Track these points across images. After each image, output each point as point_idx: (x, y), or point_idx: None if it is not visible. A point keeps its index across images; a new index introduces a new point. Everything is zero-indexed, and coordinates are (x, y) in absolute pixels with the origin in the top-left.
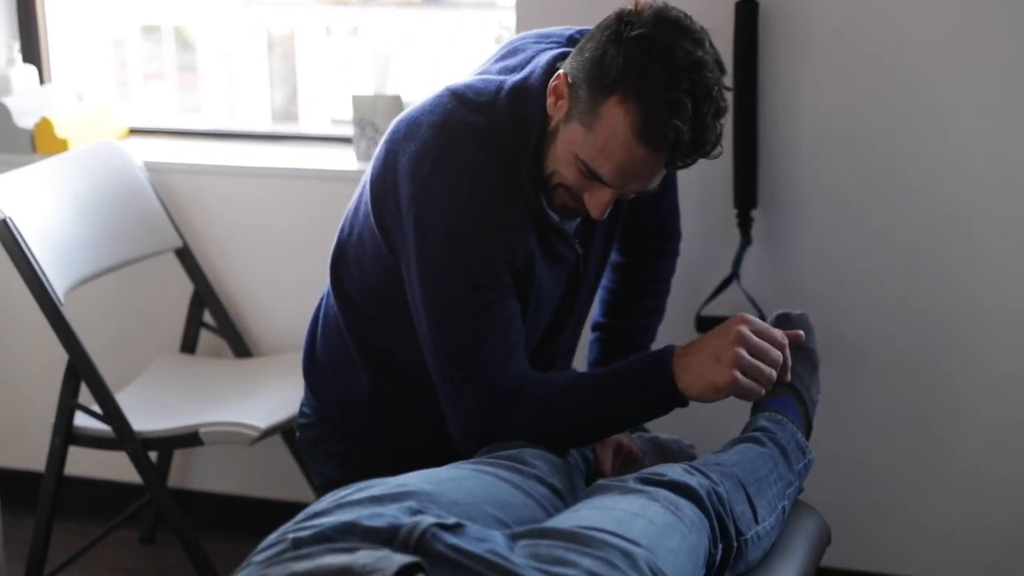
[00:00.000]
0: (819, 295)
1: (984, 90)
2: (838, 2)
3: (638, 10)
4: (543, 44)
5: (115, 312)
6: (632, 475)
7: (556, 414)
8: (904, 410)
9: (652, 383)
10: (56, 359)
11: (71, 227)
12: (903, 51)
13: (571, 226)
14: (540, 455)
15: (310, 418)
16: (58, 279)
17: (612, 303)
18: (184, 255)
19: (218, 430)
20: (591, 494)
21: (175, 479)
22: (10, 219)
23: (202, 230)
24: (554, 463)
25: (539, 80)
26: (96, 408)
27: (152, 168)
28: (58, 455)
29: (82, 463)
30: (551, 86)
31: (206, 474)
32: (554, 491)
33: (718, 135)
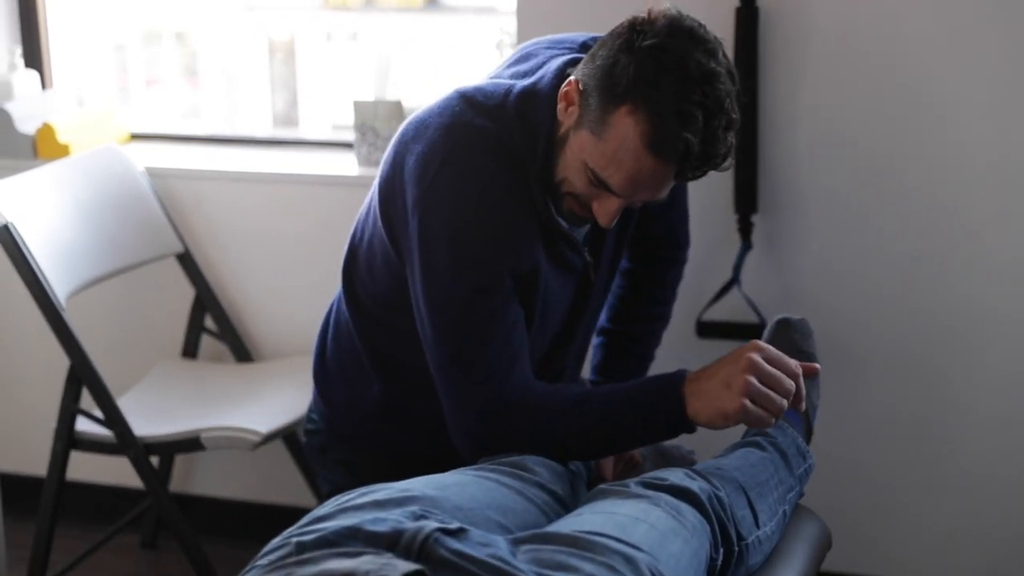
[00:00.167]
0: (819, 299)
1: (984, 94)
2: (838, 7)
3: (651, 19)
4: (555, 50)
5: (116, 317)
6: (633, 479)
7: (560, 427)
8: (904, 413)
9: (661, 406)
10: (58, 364)
11: (73, 232)
12: (903, 55)
13: (580, 233)
14: (542, 462)
15: (318, 424)
16: (60, 284)
17: (619, 308)
18: (185, 260)
19: (220, 435)
20: (592, 498)
21: (176, 484)
22: (12, 224)
23: (203, 235)
24: (556, 470)
25: (549, 85)
26: (98, 413)
27: (153, 173)
28: (60, 460)
29: (84, 468)
30: (562, 92)
31: (207, 479)
32: (556, 498)
33: (729, 147)
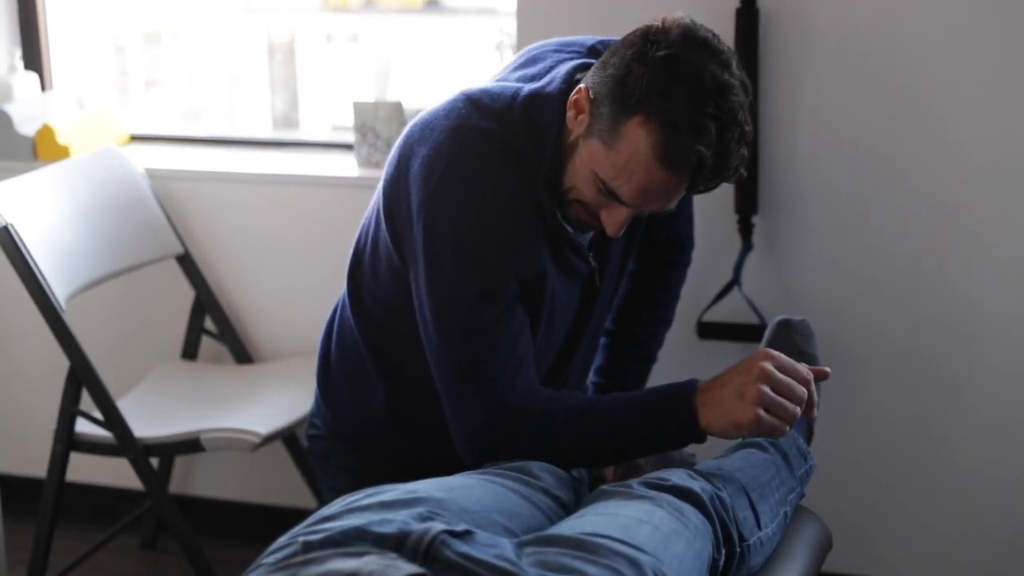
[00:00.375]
0: (820, 300)
1: (984, 95)
2: (838, 8)
3: (665, 28)
4: (563, 53)
5: (116, 319)
6: (635, 480)
7: (566, 436)
8: (905, 414)
9: (673, 417)
10: (57, 365)
11: (72, 234)
12: (903, 56)
13: (585, 239)
14: (547, 468)
15: (321, 430)
16: (60, 286)
17: (621, 310)
18: (185, 262)
19: (219, 436)
20: (594, 499)
21: (176, 485)
22: (12, 226)
23: (203, 237)
24: (561, 476)
25: (557, 89)
26: (97, 414)
27: (153, 175)
28: (59, 461)
29: (83, 469)
30: (572, 100)
31: (207, 480)
32: (561, 504)
33: (742, 159)
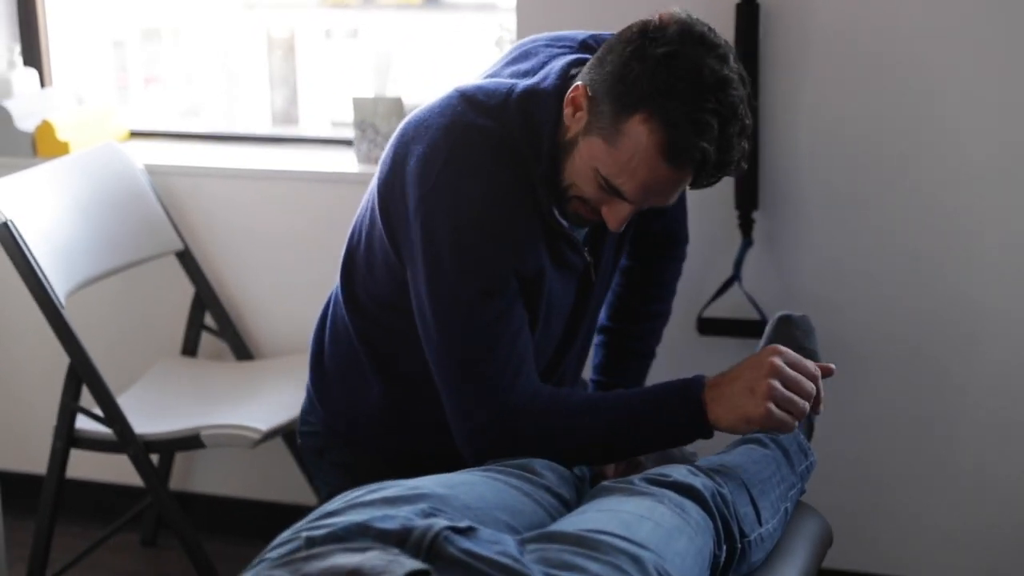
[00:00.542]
0: (820, 296)
1: (985, 91)
2: (838, 4)
3: (662, 25)
4: (555, 48)
5: (116, 315)
6: (636, 475)
7: (570, 434)
8: (905, 411)
9: (680, 411)
10: (57, 362)
11: (72, 230)
12: (904, 52)
13: (580, 234)
14: (549, 466)
15: (314, 427)
16: (59, 282)
17: (618, 307)
18: (185, 258)
19: (220, 432)
20: (595, 496)
21: (176, 482)
22: (11, 222)
23: (203, 233)
24: (563, 474)
25: (552, 85)
26: (97, 411)
27: (153, 171)
28: (59, 458)
29: (83, 466)
30: (569, 97)
31: (207, 477)
32: (563, 501)
33: (743, 153)
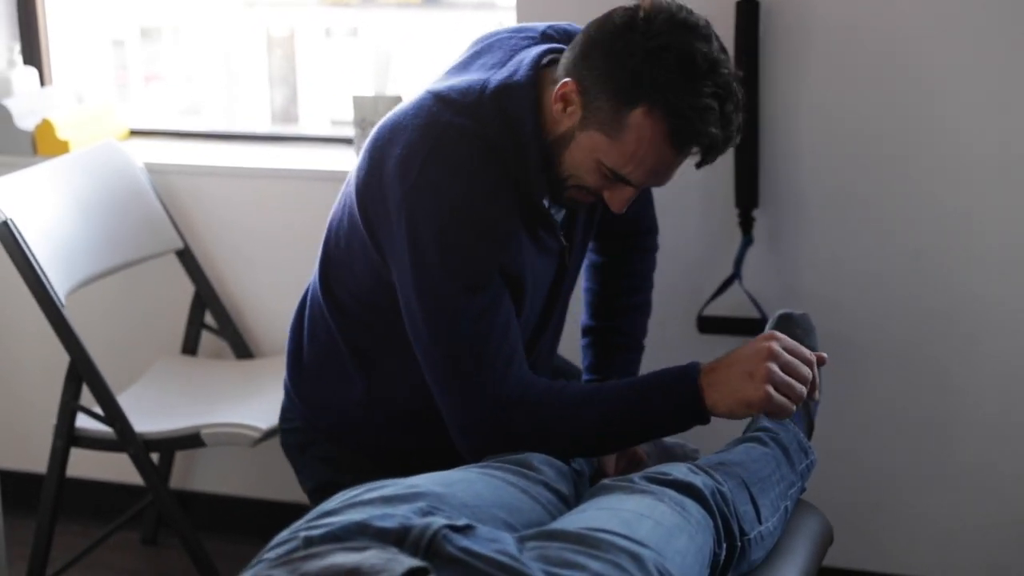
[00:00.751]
0: (821, 294)
1: (986, 89)
2: (839, 1)
3: (648, 16)
4: (518, 39)
5: (116, 314)
6: (637, 474)
7: (566, 425)
8: (906, 409)
9: (677, 399)
10: (57, 361)
11: (72, 229)
12: (905, 50)
13: (557, 217)
14: (547, 460)
15: (295, 423)
16: (59, 281)
17: (598, 304)
18: (185, 256)
19: (220, 431)
20: (596, 494)
21: (177, 480)
22: (11, 221)
23: (203, 231)
24: (561, 469)
25: (525, 77)
26: (98, 410)
27: (153, 169)
28: (60, 457)
29: (84, 465)
30: (558, 93)
31: (208, 475)
32: (560, 497)
33: (740, 125)
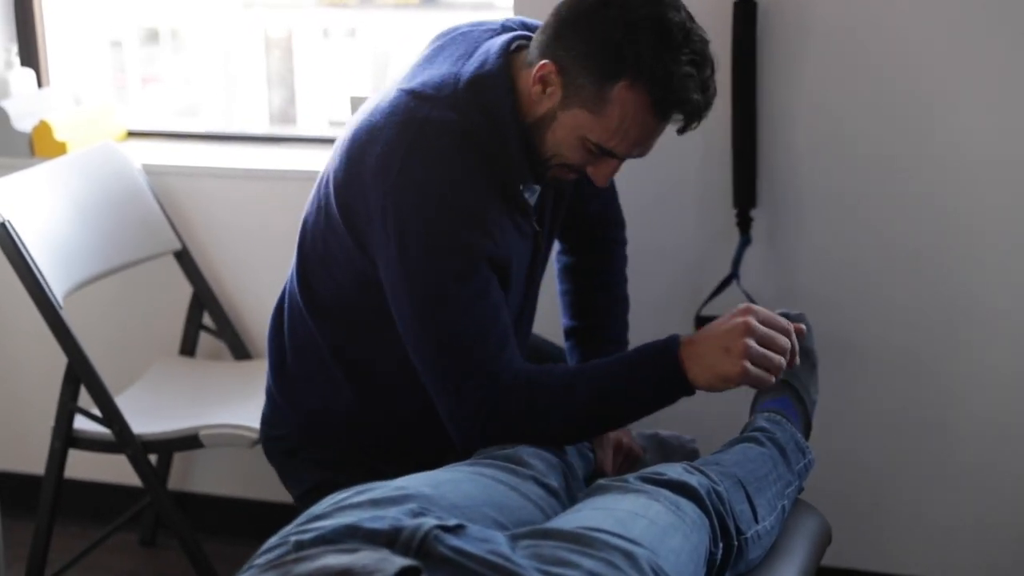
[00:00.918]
0: (818, 294)
1: (984, 90)
2: (837, 2)
3: None
4: (479, 32)
5: (114, 315)
6: (632, 474)
7: (560, 407)
8: (904, 409)
9: (659, 372)
10: (55, 362)
11: (70, 230)
12: (903, 51)
13: (532, 203)
14: (536, 454)
15: (281, 430)
16: (57, 282)
17: (576, 304)
18: (183, 258)
19: (218, 432)
20: (591, 494)
21: (175, 482)
22: (9, 222)
23: (201, 233)
24: (550, 462)
25: (495, 65)
26: (96, 411)
27: (151, 171)
28: (58, 458)
29: (82, 466)
30: (536, 75)
31: (206, 477)
32: (550, 491)
33: (715, 88)
